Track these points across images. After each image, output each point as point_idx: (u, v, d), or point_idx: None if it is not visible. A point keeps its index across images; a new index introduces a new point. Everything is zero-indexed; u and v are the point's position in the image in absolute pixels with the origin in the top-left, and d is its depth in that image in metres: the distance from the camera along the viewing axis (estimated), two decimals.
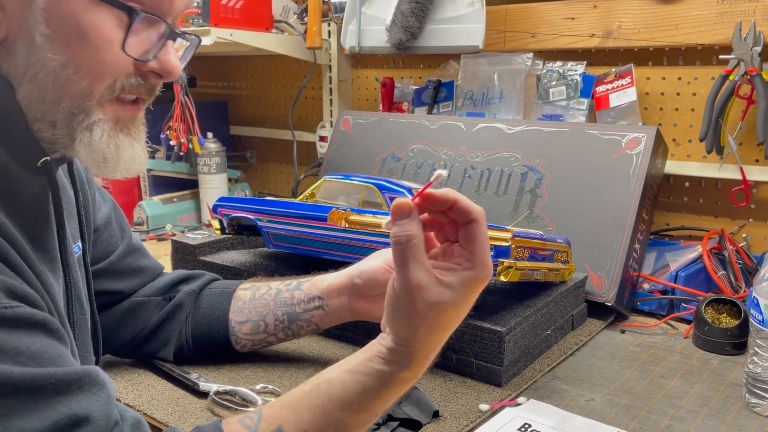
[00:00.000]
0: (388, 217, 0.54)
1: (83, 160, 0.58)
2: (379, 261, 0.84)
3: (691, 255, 1.18)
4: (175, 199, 1.78)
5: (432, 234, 0.57)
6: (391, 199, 0.97)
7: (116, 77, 0.56)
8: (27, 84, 0.54)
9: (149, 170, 1.79)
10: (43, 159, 0.58)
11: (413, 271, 0.52)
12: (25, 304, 0.51)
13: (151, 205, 1.72)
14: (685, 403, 0.84)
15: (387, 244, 0.89)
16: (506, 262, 0.83)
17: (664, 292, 1.16)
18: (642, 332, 1.07)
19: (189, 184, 1.81)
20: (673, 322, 1.10)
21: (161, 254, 1.37)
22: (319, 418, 0.56)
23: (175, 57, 0.60)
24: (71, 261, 0.68)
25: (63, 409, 0.47)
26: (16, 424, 0.44)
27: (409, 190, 0.97)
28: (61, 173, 0.73)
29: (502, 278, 0.84)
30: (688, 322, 1.08)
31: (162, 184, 1.81)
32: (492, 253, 0.83)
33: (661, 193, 1.32)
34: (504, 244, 0.83)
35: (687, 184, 1.31)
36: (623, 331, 1.07)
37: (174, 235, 1.62)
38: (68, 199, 0.73)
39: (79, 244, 0.74)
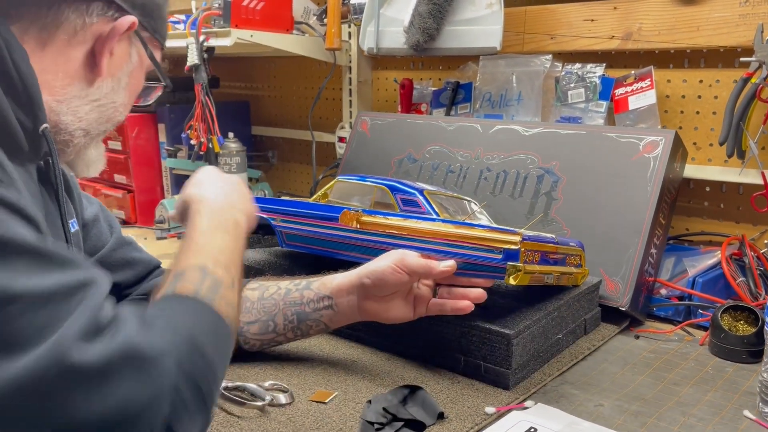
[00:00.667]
0: None
1: (77, 165, 0.76)
2: (388, 261, 0.84)
3: (710, 261, 1.16)
4: None
5: None
6: (403, 200, 0.97)
7: None
8: (96, 108, 0.72)
9: (171, 169, 1.82)
10: (43, 126, 0.66)
11: None
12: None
13: (172, 204, 1.74)
14: (696, 411, 0.83)
15: (397, 245, 0.90)
16: (515, 265, 0.83)
17: (681, 298, 1.14)
18: (657, 338, 1.05)
19: None
20: (689, 329, 1.09)
21: None
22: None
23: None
24: (69, 233, 0.75)
25: (73, 275, 0.50)
26: (32, 281, 0.47)
27: (420, 192, 0.97)
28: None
29: (512, 281, 0.83)
30: (705, 329, 1.06)
31: (183, 183, 1.83)
32: (500, 256, 0.83)
33: (681, 197, 1.30)
34: (513, 247, 0.83)
35: (707, 188, 1.28)
36: (637, 337, 1.05)
37: None
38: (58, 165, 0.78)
39: (75, 220, 0.80)
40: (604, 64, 1.32)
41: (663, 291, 1.16)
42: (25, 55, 0.64)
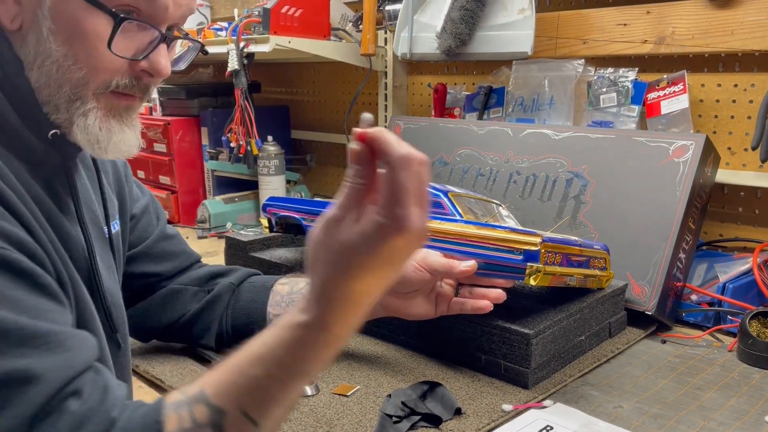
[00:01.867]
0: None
1: (80, 141, 0.65)
2: (411, 260, 0.87)
3: (742, 267, 1.15)
4: (236, 199, 1.87)
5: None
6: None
7: (111, 75, 0.63)
8: (36, 70, 0.62)
9: (213, 171, 1.89)
10: (53, 131, 0.64)
11: (332, 208, 0.50)
12: (18, 250, 0.53)
13: (213, 204, 1.81)
14: (718, 415, 0.83)
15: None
16: (535, 265, 0.84)
17: (711, 304, 1.13)
18: (684, 343, 1.05)
19: (250, 185, 1.89)
20: (718, 335, 1.08)
21: (219, 250, 1.44)
22: (235, 377, 0.53)
23: (165, 59, 0.65)
24: (90, 235, 0.71)
25: (20, 362, 0.47)
26: None
27: (445, 193, 0.99)
28: (88, 156, 0.77)
29: (532, 282, 0.85)
30: (733, 335, 1.05)
31: (225, 185, 1.90)
32: (521, 257, 0.85)
33: (715, 203, 1.29)
34: (533, 248, 0.84)
35: (742, 194, 1.27)
36: (664, 342, 1.05)
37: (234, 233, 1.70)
38: (93, 181, 0.78)
39: (118, 221, 0.81)
40: (637, 69, 1.32)
41: (693, 297, 1.15)
42: (18, 64, 0.61)
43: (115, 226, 0.81)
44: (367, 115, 0.49)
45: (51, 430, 0.47)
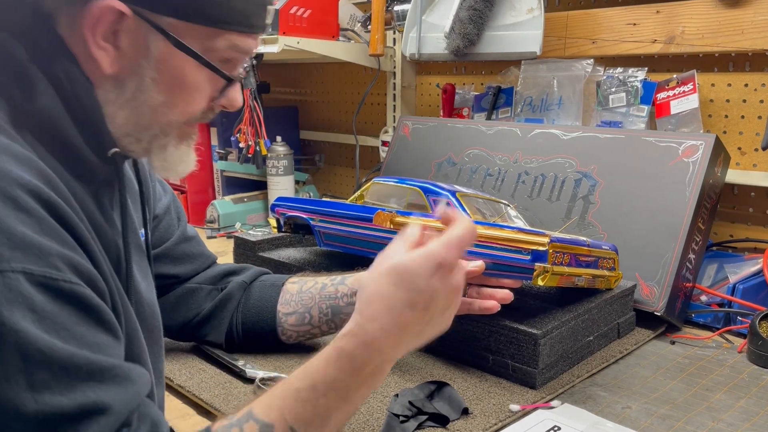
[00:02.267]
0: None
1: (155, 166, 0.70)
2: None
3: (753, 268, 1.14)
4: (245, 199, 1.87)
5: None
6: (435, 202, 0.99)
7: (196, 113, 0.69)
8: (129, 110, 0.65)
9: (222, 171, 1.90)
10: (113, 150, 0.66)
11: (391, 242, 0.61)
12: (86, 284, 0.54)
13: (222, 204, 1.82)
14: (727, 416, 0.82)
15: None
16: (542, 266, 0.84)
17: (721, 305, 1.12)
18: (693, 344, 1.04)
19: (259, 185, 1.90)
20: (728, 336, 1.07)
21: (228, 250, 1.45)
22: (281, 393, 0.57)
23: (239, 93, 0.71)
24: (131, 248, 0.73)
25: (91, 394, 0.49)
26: (46, 397, 0.46)
27: (453, 193, 0.99)
28: (127, 166, 0.80)
29: (540, 282, 0.85)
30: (744, 336, 1.04)
31: (234, 185, 1.91)
32: (529, 257, 0.85)
33: (726, 203, 1.28)
34: (541, 248, 0.84)
35: (753, 194, 1.26)
36: (673, 342, 1.05)
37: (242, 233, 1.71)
38: (133, 190, 0.80)
39: (143, 230, 0.81)
40: (646, 68, 1.31)
41: (703, 297, 1.14)
42: (87, 83, 0.62)
43: (141, 235, 0.81)
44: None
45: None
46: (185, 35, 0.63)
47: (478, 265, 0.85)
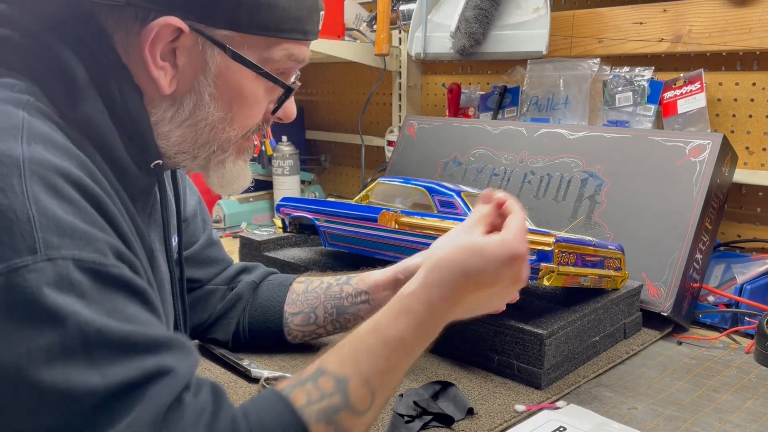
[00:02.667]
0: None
1: (212, 183, 0.71)
2: (422, 259, 0.87)
3: (760, 268, 1.14)
4: (251, 199, 1.88)
5: None
6: (440, 201, 0.99)
7: (253, 126, 0.69)
8: (186, 128, 0.66)
9: None
10: (155, 162, 0.66)
11: (466, 218, 0.67)
12: (130, 269, 0.55)
13: (228, 204, 1.82)
14: (734, 417, 0.82)
15: None
16: (548, 266, 0.84)
17: (729, 305, 1.11)
18: (700, 345, 1.04)
19: (265, 185, 1.90)
20: (736, 337, 1.06)
21: (234, 250, 1.45)
22: (354, 348, 0.59)
23: (293, 104, 0.72)
24: (171, 253, 0.74)
25: (153, 361, 0.50)
26: (110, 371, 0.47)
27: (458, 193, 0.99)
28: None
29: (545, 282, 0.84)
30: (751, 336, 1.04)
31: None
32: (534, 257, 0.84)
33: (733, 203, 1.27)
34: (546, 248, 0.84)
35: (760, 194, 1.25)
36: (680, 343, 1.04)
37: (248, 232, 1.71)
38: (166, 197, 0.80)
39: (176, 236, 0.82)
40: (653, 68, 1.31)
41: (711, 298, 1.14)
42: (137, 95, 0.63)
43: (175, 239, 0.82)
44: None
45: (179, 418, 0.50)
46: (242, 47, 0.63)
47: None
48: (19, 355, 0.45)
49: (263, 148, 1.63)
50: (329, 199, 1.51)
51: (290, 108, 0.72)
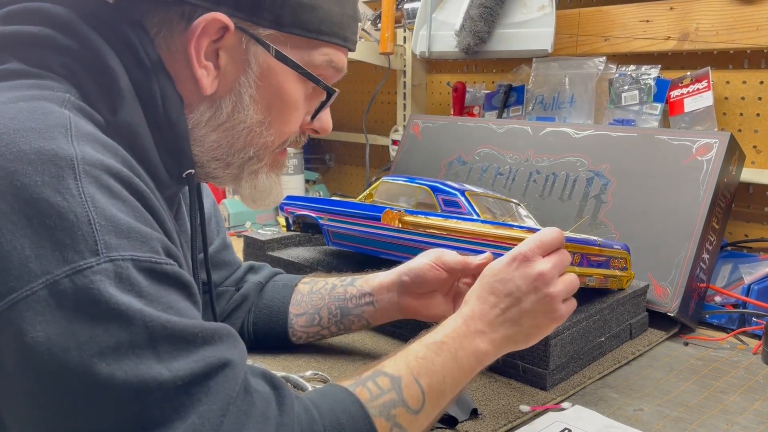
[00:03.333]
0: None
1: (243, 194, 0.70)
2: (426, 259, 0.86)
3: None
4: None
5: None
6: (444, 201, 0.99)
7: (291, 136, 0.69)
8: (222, 132, 0.65)
9: None
10: (188, 171, 0.65)
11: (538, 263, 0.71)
12: (177, 264, 0.56)
13: (232, 203, 1.82)
14: (741, 419, 0.81)
15: (438, 245, 0.92)
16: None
17: (736, 306, 1.10)
18: (707, 345, 1.03)
19: None
20: (743, 338, 1.05)
21: (238, 250, 1.44)
22: (405, 353, 0.64)
23: (330, 117, 0.73)
24: (198, 264, 0.73)
25: (213, 353, 0.51)
26: (176, 365, 0.48)
27: (462, 192, 0.98)
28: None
29: None
30: (759, 337, 1.03)
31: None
32: None
33: (741, 202, 1.26)
34: None
35: None
36: (686, 344, 1.03)
37: (252, 232, 1.70)
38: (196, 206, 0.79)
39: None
40: (660, 66, 1.30)
41: (718, 298, 1.13)
42: (179, 102, 0.62)
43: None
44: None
45: (249, 405, 0.51)
46: (285, 47, 0.63)
47: (486, 256, 0.83)
48: (89, 354, 0.46)
49: None
50: (334, 198, 1.50)
51: (327, 119, 0.71)
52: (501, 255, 0.85)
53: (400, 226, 0.97)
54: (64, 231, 0.47)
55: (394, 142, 1.78)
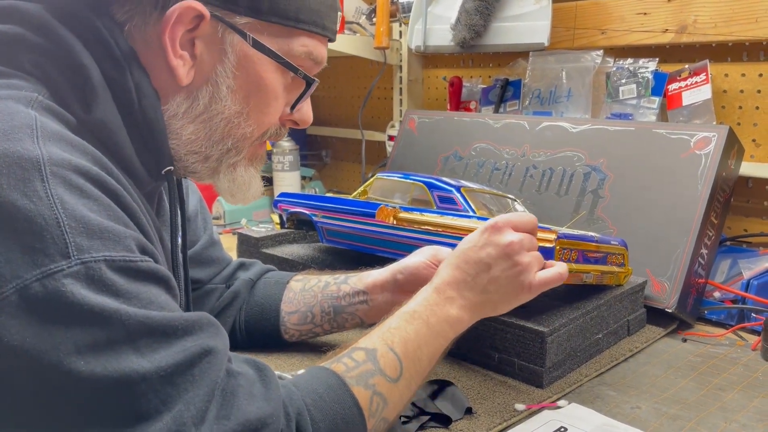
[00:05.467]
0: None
1: (221, 187, 0.69)
2: (421, 257, 0.85)
3: (767, 263, 1.11)
4: None
5: None
6: (440, 197, 0.97)
7: (270, 127, 0.68)
8: (200, 123, 0.64)
9: None
10: (167, 168, 0.64)
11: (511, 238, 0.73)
12: (153, 260, 0.56)
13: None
14: (740, 417, 0.79)
15: (433, 242, 0.90)
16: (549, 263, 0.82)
17: (735, 301, 1.09)
18: (706, 342, 1.01)
19: (264, 182, 1.88)
20: (742, 333, 1.04)
21: (233, 246, 1.44)
22: (379, 327, 0.68)
23: (310, 108, 0.71)
24: (178, 260, 0.73)
25: (195, 342, 0.51)
26: (157, 357, 0.48)
27: (458, 189, 0.97)
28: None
29: None
30: (758, 333, 1.02)
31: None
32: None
33: (740, 197, 1.25)
34: (548, 245, 0.82)
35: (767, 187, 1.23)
36: (685, 340, 1.02)
37: (247, 229, 1.69)
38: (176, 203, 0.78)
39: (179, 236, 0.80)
40: (657, 59, 1.28)
41: (716, 294, 1.12)
42: (155, 98, 0.61)
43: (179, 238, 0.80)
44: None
45: (234, 388, 0.52)
46: (262, 36, 0.62)
47: None
48: (65, 354, 0.46)
49: None
50: (329, 194, 1.49)
51: (307, 111, 0.70)
52: None
53: (395, 222, 0.96)
54: (33, 235, 0.46)
55: (391, 138, 1.76)
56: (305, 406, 0.57)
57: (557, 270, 0.75)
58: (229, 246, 1.58)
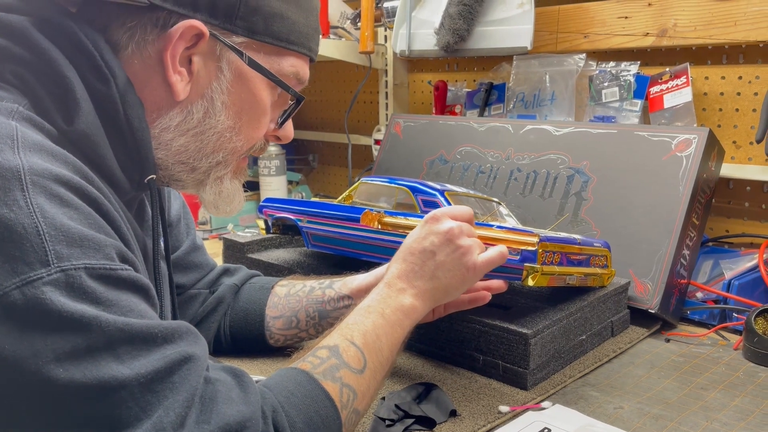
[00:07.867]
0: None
1: (205, 199, 0.71)
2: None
3: (749, 263, 1.13)
4: None
5: None
6: (424, 201, 0.98)
7: (256, 142, 0.71)
8: (191, 137, 0.65)
9: None
10: (149, 177, 0.65)
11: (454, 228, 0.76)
12: (132, 269, 0.56)
13: None
14: (721, 416, 0.80)
15: None
16: (532, 266, 0.82)
17: (717, 301, 1.10)
18: (688, 342, 1.02)
19: (251, 186, 1.88)
20: (724, 333, 1.05)
21: (219, 252, 1.43)
22: (339, 324, 0.70)
23: (292, 126, 0.75)
24: (159, 267, 0.73)
25: (174, 349, 0.52)
26: (136, 364, 0.49)
27: (442, 192, 0.97)
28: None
29: (530, 283, 0.83)
30: (740, 333, 1.03)
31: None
32: (518, 257, 0.83)
33: (721, 198, 1.26)
34: (530, 248, 0.82)
35: (748, 188, 1.24)
36: (668, 340, 1.03)
37: (233, 234, 1.69)
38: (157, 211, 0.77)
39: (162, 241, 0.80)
40: (639, 62, 1.30)
41: (699, 294, 1.13)
42: (140, 108, 0.62)
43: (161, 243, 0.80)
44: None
45: (213, 394, 0.53)
46: (257, 55, 0.66)
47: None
48: (45, 361, 0.46)
49: None
50: (315, 199, 1.49)
51: (290, 127, 0.74)
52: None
53: (380, 227, 0.96)
54: (13, 243, 0.47)
55: (377, 142, 1.77)
56: (279, 405, 0.58)
57: (498, 249, 0.77)
58: (215, 251, 1.57)
